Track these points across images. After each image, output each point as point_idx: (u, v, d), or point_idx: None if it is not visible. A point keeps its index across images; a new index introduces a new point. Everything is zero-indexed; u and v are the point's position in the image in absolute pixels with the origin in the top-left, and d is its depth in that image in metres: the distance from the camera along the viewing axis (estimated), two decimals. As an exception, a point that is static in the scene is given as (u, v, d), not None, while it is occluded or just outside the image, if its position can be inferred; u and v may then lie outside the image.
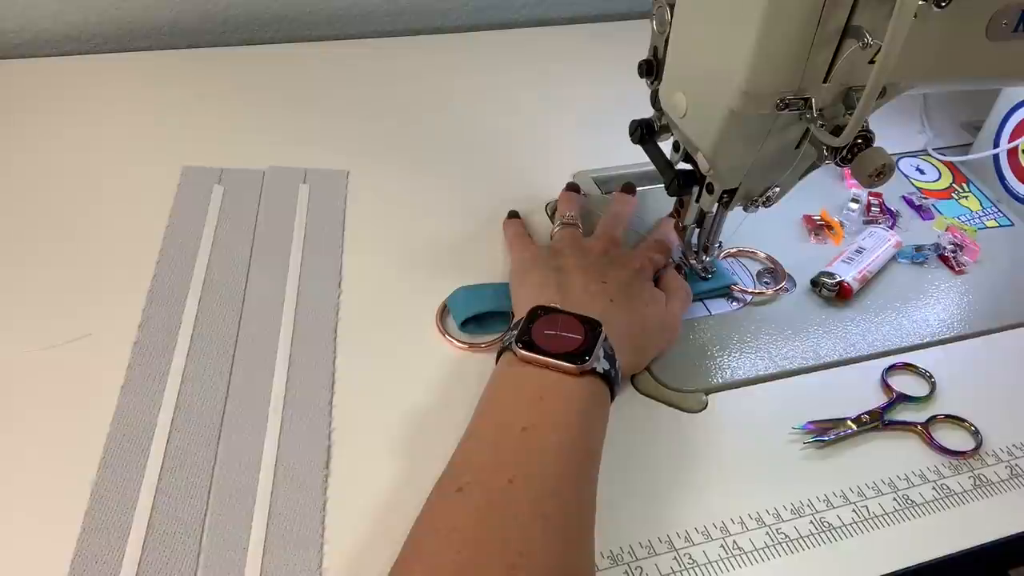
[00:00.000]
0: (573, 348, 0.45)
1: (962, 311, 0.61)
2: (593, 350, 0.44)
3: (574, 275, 0.52)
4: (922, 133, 0.79)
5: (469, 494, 0.40)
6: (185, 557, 0.43)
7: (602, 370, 0.45)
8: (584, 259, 0.54)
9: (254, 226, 0.62)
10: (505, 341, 0.47)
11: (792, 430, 0.51)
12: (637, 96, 0.54)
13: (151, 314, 0.54)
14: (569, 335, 0.45)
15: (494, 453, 0.42)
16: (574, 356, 0.44)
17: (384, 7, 0.88)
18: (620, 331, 0.49)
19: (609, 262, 0.54)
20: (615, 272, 0.53)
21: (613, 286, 0.52)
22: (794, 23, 0.39)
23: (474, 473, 0.41)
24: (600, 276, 0.52)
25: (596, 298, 0.50)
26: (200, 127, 0.71)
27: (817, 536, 0.46)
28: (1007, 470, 0.51)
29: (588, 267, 0.53)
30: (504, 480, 0.40)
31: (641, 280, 0.54)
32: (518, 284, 0.55)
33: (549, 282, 0.52)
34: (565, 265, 0.53)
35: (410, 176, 0.68)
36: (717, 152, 0.47)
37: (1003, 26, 0.43)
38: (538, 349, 0.45)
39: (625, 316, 0.50)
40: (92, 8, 0.80)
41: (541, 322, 0.46)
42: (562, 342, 0.45)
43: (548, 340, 0.45)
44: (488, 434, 0.43)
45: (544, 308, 0.47)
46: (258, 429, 0.48)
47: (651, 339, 0.53)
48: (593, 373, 0.44)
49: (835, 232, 0.66)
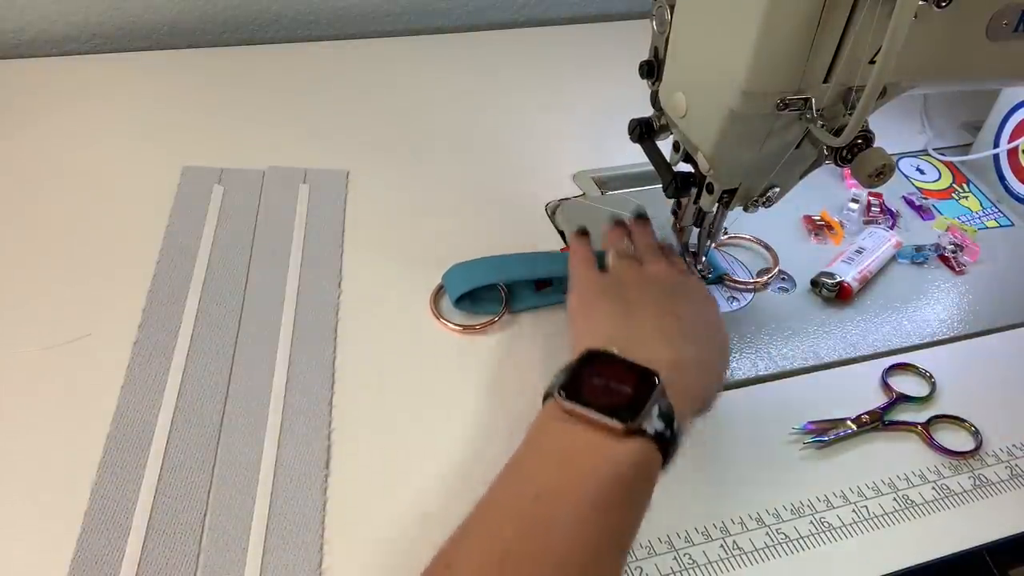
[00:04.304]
0: (621, 403, 0.38)
1: (962, 311, 0.61)
2: (644, 406, 0.38)
3: (644, 309, 0.47)
4: (922, 133, 0.79)
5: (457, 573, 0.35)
6: (185, 557, 0.43)
7: (653, 431, 0.38)
8: (652, 289, 0.49)
9: (254, 226, 0.62)
10: (551, 385, 0.41)
11: (792, 430, 0.51)
12: (637, 96, 0.54)
13: (151, 314, 0.54)
14: (618, 386, 0.39)
15: (496, 525, 0.36)
16: (621, 412, 0.38)
17: (384, 7, 0.88)
18: (693, 377, 0.43)
19: (680, 292, 0.50)
20: (686, 304, 0.48)
21: (686, 322, 0.46)
22: (794, 23, 0.39)
23: (467, 550, 0.36)
24: (672, 309, 0.47)
25: (667, 337, 0.45)
26: (200, 127, 0.71)
27: (817, 536, 0.46)
28: (1007, 470, 0.51)
29: (660, 299, 0.48)
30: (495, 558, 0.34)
31: (712, 306, 0.50)
32: (582, 315, 0.49)
33: (614, 314, 0.47)
34: (632, 296, 0.48)
35: (410, 176, 0.68)
36: (717, 152, 0.47)
37: (1003, 26, 0.42)
38: (583, 400, 0.38)
39: (699, 359, 0.45)
40: (92, 8, 0.80)
41: (592, 368, 0.40)
42: (610, 394, 0.38)
43: (595, 391, 0.39)
44: (497, 500, 0.38)
45: (599, 353, 0.41)
46: (258, 429, 0.48)
47: (721, 377, 0.48)
48: (642, 434, 0.38)
49: (835, 232, 0.66)
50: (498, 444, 0.49)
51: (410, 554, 0.44)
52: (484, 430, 0.50)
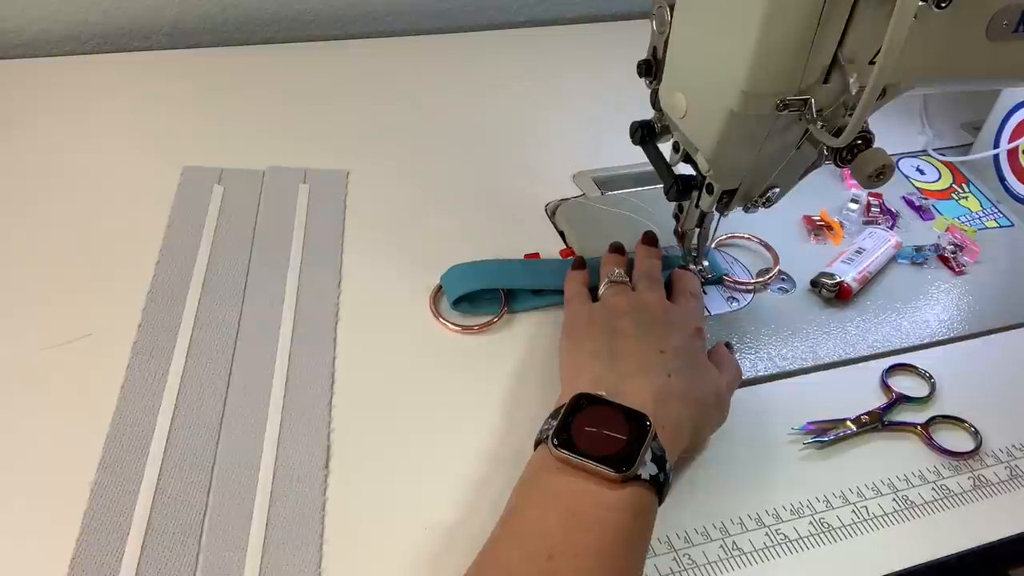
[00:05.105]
0: (615, 450, 0.39)
1: (962, 311, 0.61)
2: (638, 454, 0.39)
3: (629, 344, 0.47)
4: (922, 133, 0.79)
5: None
6: (185, 557, 0.43)
7: (648, 476, 0.39)
8: (640, 321, 0.49)
9: (254, 226, 0.62)
10: (542, 432, 0.42)
11: (792, 430, 0.51)
12: (637, 96, 0.54)
13: (151, 314, 0.54)
14: (612, 434, 0.40)
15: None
16: (615, 461, 0.39)
17: (384, 7, 0.88)
18: (677, 413, 0.44)
19: (667, 324, 0.49)
20: (674, 338, 0.48)
21: (672, 356, 0.46)
22: (794, 23, 0.39)
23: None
24: (659, 343, 0.47)
25: (653, 373, 0.45)
26: (200, 127, 0.71)
27: (817, 536, 0.46)
28: (1007, 471, 0.51)
29: (646, 334, 0.48)
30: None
31: (701, 345, 0.50)
32: (570, 354, 0.49)
33: (599, 352, 0.47)
34: (619, 328, 0.48)
35: (410, 176, 0.68)
36: (717, 153, 0.47)
37: (1003, 26, 0.42)
38: (576, 449, 0.39)
39: (684, 393, 0.45)
40: (92, 8, 0.80)
41: (583, 415, 0.41)
42: (603, 441, 0.40)
43: (588, 439, 0.40)
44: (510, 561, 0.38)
45: (589, 397, 0.42)
46: (258, 429, 0.48)
47: (709, 417, 0.48)
48: (638, 479, 0.39)
49: (835, 232, 0.66)
50: (498, 444, 0.49)
51: (410, 554, 0.44)
52: (484, 430, 0.50)
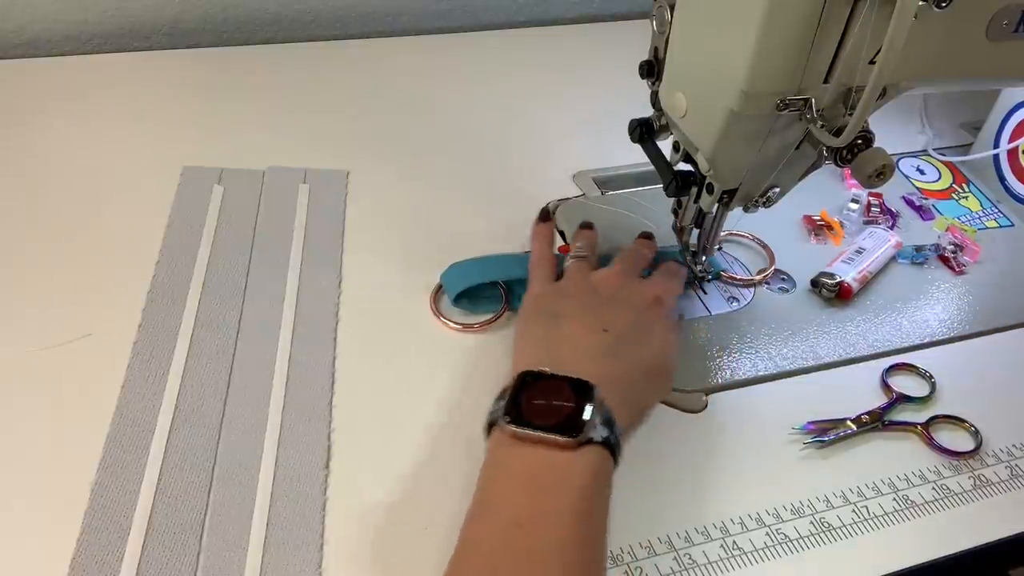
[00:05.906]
0: (564, 417, 0.40)
1: (962, 311, 0.61)
2: (587, 417, 0.40)
3: (571, 326, 0.48)
4: (922, 133, 0.79)
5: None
6: (185, 557, 0.43)
7: (600, 438, 0.40)
8: (587, 302, 0.50)
9: (254, 226, 0.62)
10: (492, 413, 0.43)
11: (792, 430, 0.51)
12: (637, 96, 0.54)
13: (151, 314, 0.54)
14: (559, 403, 0.41)
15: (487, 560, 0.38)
16: (566, 427, 0.40)
17: (384, 7, 0.88)
18: (618, 387, 0.44)
19: (615, 301, 0.50)
20: (619, 315, 0.49)
21: (612, 336, 0.47)
22: (794, 23, 0.39)
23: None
24: (600, 323, 0.48)
25: (590, 354, 0.46)
26: (200, 127, 0.71)
27: (817, 536, 0.46)
28: (1007, 470, 0.51)
29: (588, 315, 0.49)
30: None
31: (649, 319, 0.50)
32: (519, 336, 0.51)
33: (542, 336, 0.48)
34: (564, 311, 0.49)
35: (410, 176, 0.68)
36: (717, 152, 0.47)
37: (1003, 26, 0.43)
38: (527, 423, 0.40)
39: (623, 369, 0.46)
40: (92, 8, 0.80)
41: (530, 390, 0.42)
42: (552, 411, 0.41)
43: (538, 411, 0.41)
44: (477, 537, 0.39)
45: (532, 374, 0.43)
46: (258, 429, 0.48)
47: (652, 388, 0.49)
48: (591, 443, 0.40)
49: (835, 232, 0.66)
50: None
51: (410, 555, 0.44)
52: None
